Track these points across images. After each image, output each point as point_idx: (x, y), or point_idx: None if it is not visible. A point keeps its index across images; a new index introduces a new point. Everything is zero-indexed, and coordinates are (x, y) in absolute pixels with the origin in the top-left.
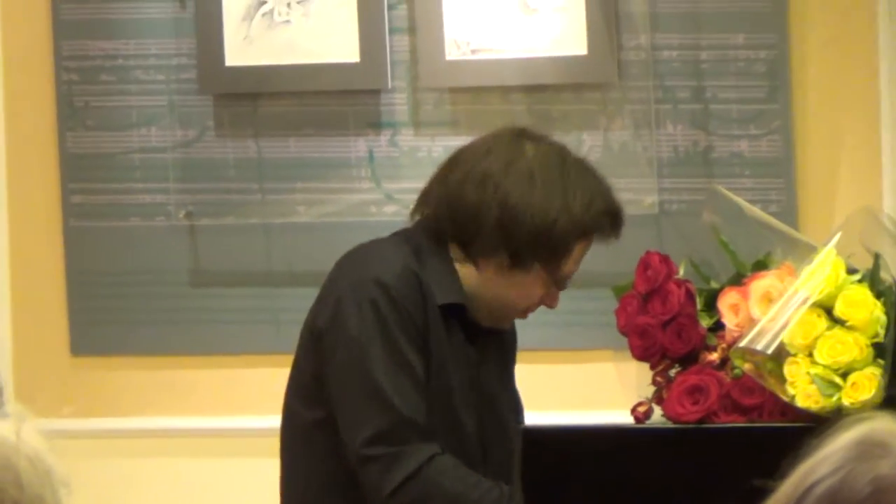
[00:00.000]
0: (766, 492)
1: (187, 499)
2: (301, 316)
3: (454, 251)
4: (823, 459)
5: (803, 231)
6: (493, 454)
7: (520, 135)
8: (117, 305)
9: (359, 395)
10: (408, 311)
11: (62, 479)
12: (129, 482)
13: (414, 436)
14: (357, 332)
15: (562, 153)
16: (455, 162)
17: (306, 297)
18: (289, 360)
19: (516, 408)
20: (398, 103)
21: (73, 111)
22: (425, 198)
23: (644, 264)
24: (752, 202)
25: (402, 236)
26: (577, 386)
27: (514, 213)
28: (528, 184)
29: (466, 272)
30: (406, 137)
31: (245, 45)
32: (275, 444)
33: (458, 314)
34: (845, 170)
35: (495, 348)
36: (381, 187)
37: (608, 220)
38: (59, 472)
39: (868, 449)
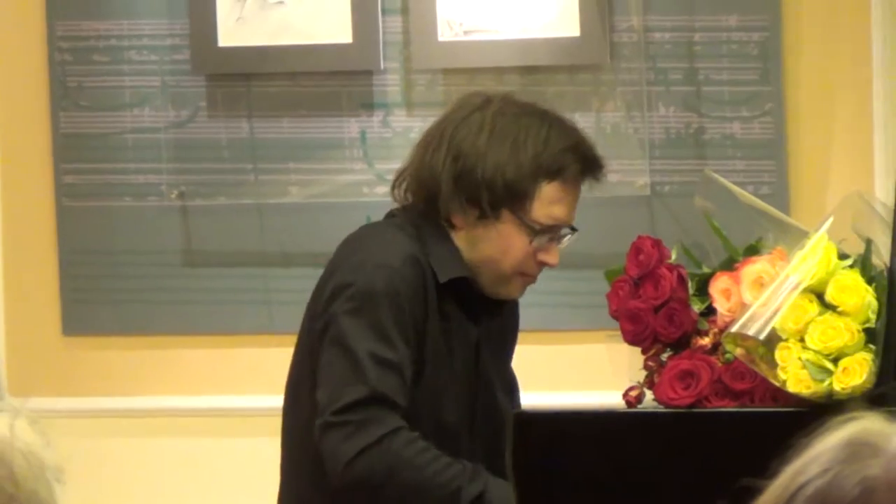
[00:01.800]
0: (754, 491)
1: (178, 477)
2: (292, 296)
3: (440, 220)
4: (812, 460)
5: (795, 213)
6: (481, 436)
7: (485, 98)
8: (109, 285)
9: (339, 371)
10: (406, 297)
11: (56, 473)
12: (120, 461)
13: (382, 411)
14: (349, 313)
15: (522, 105)
16: (421, 137)
17: (298, 278)
18: (280, 340)
19: (511, 388)
20: (391, 84)
21: (66, 91)
22: (400, 177)
23: (636, 249)
24: (743, 184)
25: (399, 219)
26: (568, 367)
27: (464, 162)
28: (477, 133)
29: (456, 239)
30: (398, 118)
31: (238, 26)
32: (267, 423)
33: (462, 291)
34: (837, 152)
35: (496, 331)
36: (374, 168)
37: (572, 156)
38: (53, 466)
39: (857, 449)
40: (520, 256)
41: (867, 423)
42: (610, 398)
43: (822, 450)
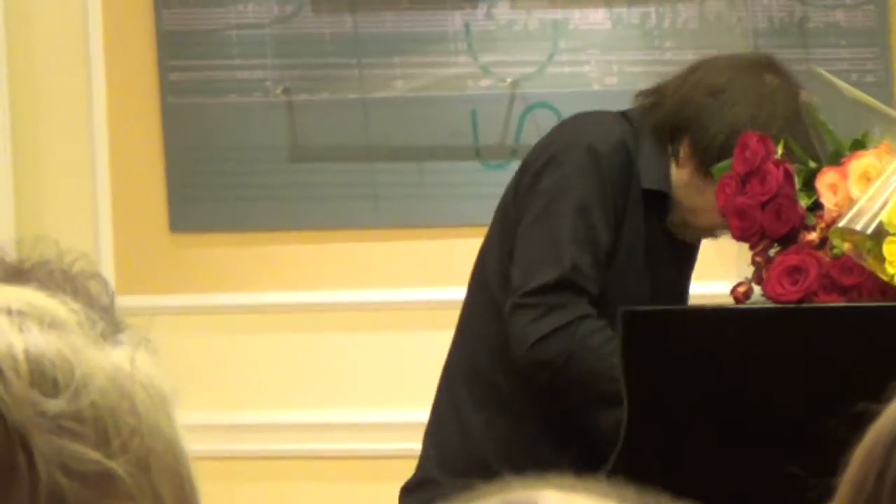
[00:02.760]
0: (865, 417)
1: (287, 373)
2: (398, 190)
3: (670, 145)
4: None
5: None
6: None
7: (764, 62)
8: (215, 182)
9: (539, 247)
10: (612, 183)
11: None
12: (230, 357)
13: (573, 295)
14: (557, 189)
15: (795, 93)
16: (695, 68)
17: (404, 172)
18: (386, 234)
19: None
20: None
21: None
22: (658, 89)
23: (742, 145)
24: (847, 72)
25: (625, 115)
26: None
27: (730, 131)
28: (755, 108)
29: (673, 167)
30: (502, 10)
31: None
32: (373, 316)
33: (658, 204)
34: None
35: (683, 254)
36: (478, 60)
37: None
38: (173, 397)
39: None
40: (713, 221)
41: None
42: (718, 288)
43: None
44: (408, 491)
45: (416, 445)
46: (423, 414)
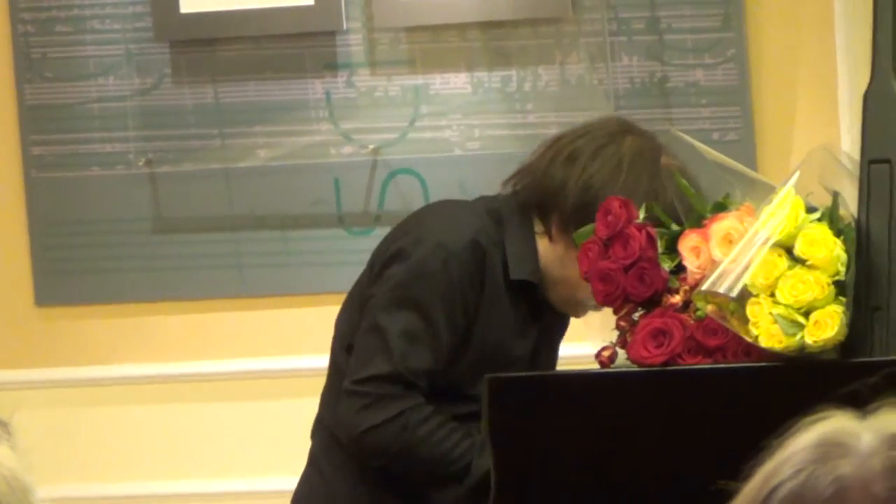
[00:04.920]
0: (727, 493)
1: (155, 445)
2: (263, 259)
3: (536, 224)
4: (784, 462)
5: (762, 157)
6: None
7: (623, 126)
8: (80, 255)
9: (376, 339)
10: (460, 282)
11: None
12: (96, 430)
13: (402, 388)
14: (402, 284)
15: (656, 151)
16: (555, 139)
17: (268, 241)
18: (252, 303)
19: None
20: (354, 44)
21: (30, 63)
22: (521, 169)
23: (605, 210)
24: (709, 131)
25: (487, 204)
26: None
27: (594, 195)
28: (615, 171)
29: (543, 246)
30: (363, 78)
31: None
32: (240, 386)
33: (529, 290)
34: (802, 96)
35: (556, 331)
36: (339, 128)
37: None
38: (35, 489)
39: (828, 450)
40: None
41: (836, 423)
42: (582, 351)
43: (794, 451)
44: None
45: None
46: (289, 482)
